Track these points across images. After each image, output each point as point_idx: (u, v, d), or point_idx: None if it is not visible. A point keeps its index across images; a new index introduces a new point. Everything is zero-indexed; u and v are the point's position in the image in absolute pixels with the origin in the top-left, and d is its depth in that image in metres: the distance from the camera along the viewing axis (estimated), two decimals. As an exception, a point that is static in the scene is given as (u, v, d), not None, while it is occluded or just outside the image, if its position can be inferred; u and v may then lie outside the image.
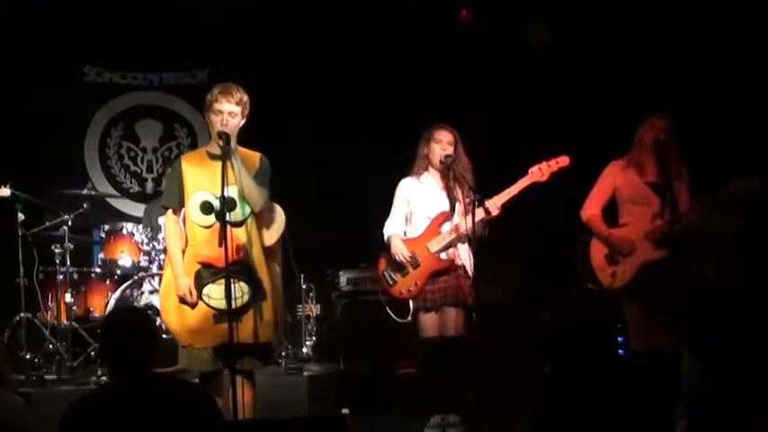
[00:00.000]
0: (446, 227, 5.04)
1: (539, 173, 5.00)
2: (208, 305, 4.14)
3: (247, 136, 4.34)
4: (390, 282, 5.09)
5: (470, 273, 4.97)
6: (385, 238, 5.12)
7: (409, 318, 5.15)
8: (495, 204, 4.85)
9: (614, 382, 5.14)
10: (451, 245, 5.02)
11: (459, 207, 5.03)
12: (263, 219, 4.34)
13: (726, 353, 5.51)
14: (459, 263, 5.04)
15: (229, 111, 4.18)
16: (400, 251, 5.01)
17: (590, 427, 4.30)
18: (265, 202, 4.28)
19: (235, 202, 4.18)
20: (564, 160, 5.03)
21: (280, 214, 4.47)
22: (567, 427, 4.61)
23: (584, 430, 4.29)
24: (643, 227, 4.85)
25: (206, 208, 4.15)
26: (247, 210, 4.22)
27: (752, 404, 5.13)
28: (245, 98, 4.24)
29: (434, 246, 5.02)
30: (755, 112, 5.86)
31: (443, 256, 5.04)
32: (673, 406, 4.77)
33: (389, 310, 5.25)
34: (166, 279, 4.27)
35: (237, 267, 4.12)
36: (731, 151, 5.69)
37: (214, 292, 4.12)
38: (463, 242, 5.03)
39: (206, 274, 4.15)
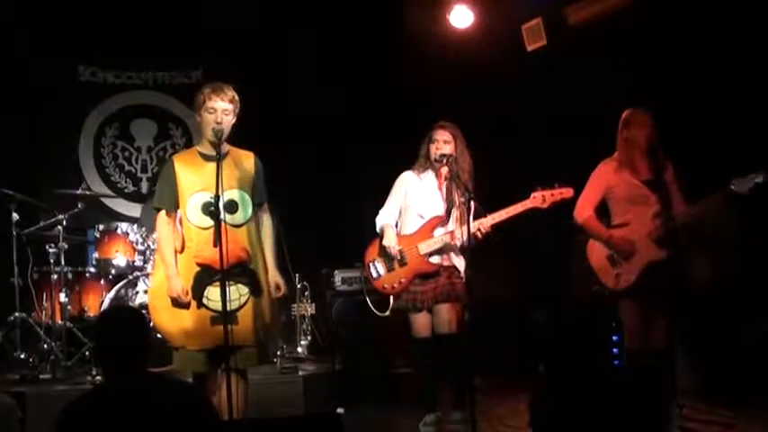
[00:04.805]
0: (439, 231, 5.02)
1: (540, 199, 4.95)
2: (207, 307, 4.12)
3: (244, 135, 4.33)
4: (375, 274, 5.08)
5: (462, 274, 4.96)
6: (378, 228, 5.10)
7: (388, 313, 5.17)
8: (487, 224, 4.85)
9: (610, 381, 5.13)
10: (442, 250, 5.00)
11: (455, 212, 5.02)
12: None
13: (721, 351, 5.52)
14: (448, 264, 5.02)
15: (223, 109, 4.17)
16: (392, 243, 4.99)
17: (586, 426, 4.29)
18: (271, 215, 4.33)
19: (236, 205, 4.17)
20: (568, 191, 4.98)
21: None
22: (563, 426, 4.60)
23: (580, 430, 4.28)
24: (645, 226, 4.85)
25: (207, 209, 4.12)
26: (248, 212, 4.22)
27: (746, 402, 5.15)
28: (237, 97, 4.23)
29: (425, 248, 4.99)
30: (749, 110, 5.86)
31: (433, 259, 5.01)
32: (669, 404, 4.78)
33: (369, 302, 5.28)
34: (158, 280, 4.25)
35: (239, 270, 4.13)
36: (728, 148, 5.69)
37: (213, 295, 4.10)
38: (455, 251, 5.01)
39: (206, 276, 4.13)
